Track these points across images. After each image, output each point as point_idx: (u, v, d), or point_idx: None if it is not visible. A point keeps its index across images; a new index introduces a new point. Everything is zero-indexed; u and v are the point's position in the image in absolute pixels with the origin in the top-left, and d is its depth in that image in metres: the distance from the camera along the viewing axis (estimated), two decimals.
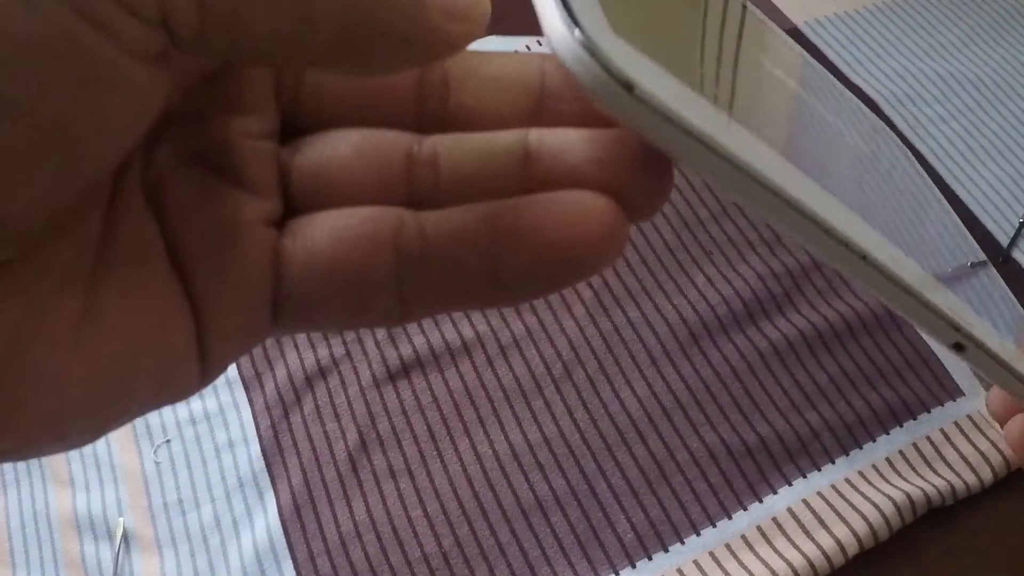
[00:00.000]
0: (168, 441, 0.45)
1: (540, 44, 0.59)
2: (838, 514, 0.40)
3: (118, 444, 0.45)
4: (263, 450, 0.44)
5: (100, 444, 0.45)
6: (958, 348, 0.23)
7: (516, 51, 0.59)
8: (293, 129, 0.17)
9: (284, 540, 0.41)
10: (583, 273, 0.15)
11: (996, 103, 0.55)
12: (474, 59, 0.17)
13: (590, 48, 0.14)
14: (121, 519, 0.42)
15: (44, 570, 0.41)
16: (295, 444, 0.44)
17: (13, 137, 0.11)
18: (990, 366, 0.25)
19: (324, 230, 0.16)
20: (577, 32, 0.14)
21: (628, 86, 0.15)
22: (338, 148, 0.16)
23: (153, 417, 0.46)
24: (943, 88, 0.56)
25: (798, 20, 0.60)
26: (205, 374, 0.16)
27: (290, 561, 0.40)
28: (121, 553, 0.41)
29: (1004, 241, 0.48)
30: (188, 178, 0.15)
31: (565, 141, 0.16)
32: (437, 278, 0.15)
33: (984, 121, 0.54)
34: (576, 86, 0.14)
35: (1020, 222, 0.49)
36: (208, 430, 0.45)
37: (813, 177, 0.22)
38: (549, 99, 0.17)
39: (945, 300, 0.24)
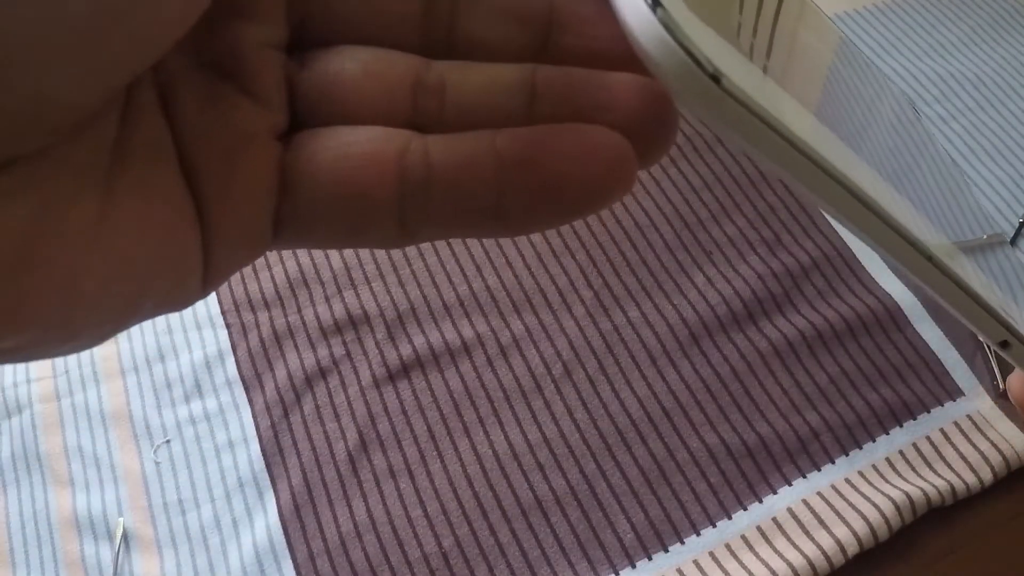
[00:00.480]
0: (168, 441, 0.45)
1: None
2: (838, 514, 0.40)
3: (118, 444, 0.45)
4: (263, 450, 0.44)
5: (100, 444, 0.45)
6: (1003, 345, 0.23)
7: None
8: (301, 44, 0.16)
9: (284, 540, 0.41)
10: (589, 207, 0.15)
11: (996, 103, 0.55)
12: None
13: (673, 31, 0.13)
14: (121, 519, 0.42)
15: (44, 570, 0.41)
16: (295, 444, 0.44)
17: (77, 17, 0.11)
18: None
19: (329, 146, 0.15)
20: (660, 11, 0.13)
21: (715, 78, 0.13)
22: (346, 65, 0.16)
23: (153, 417, 0.46)
24: (943, 88, 0.56)
25: None
26: (207, 283, 0.15)
27: (290, 561, 0.40)
28: (121, 553, 0.41)
29: None
30: (198, 84, 0.15)
31: (572, 83, 0.15)
32: (439, 204, 0.15)
33: (984, 121, 0.54)
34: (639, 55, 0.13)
35: (1020, 222, 0.49)
36: (208, 430, 0.45)
37: (871, 166, 0.22)
38: (557, 32, 0.16)
39: (996, 297, 0.24)
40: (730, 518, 0.41)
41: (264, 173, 0.15)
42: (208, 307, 0.49)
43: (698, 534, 0.40)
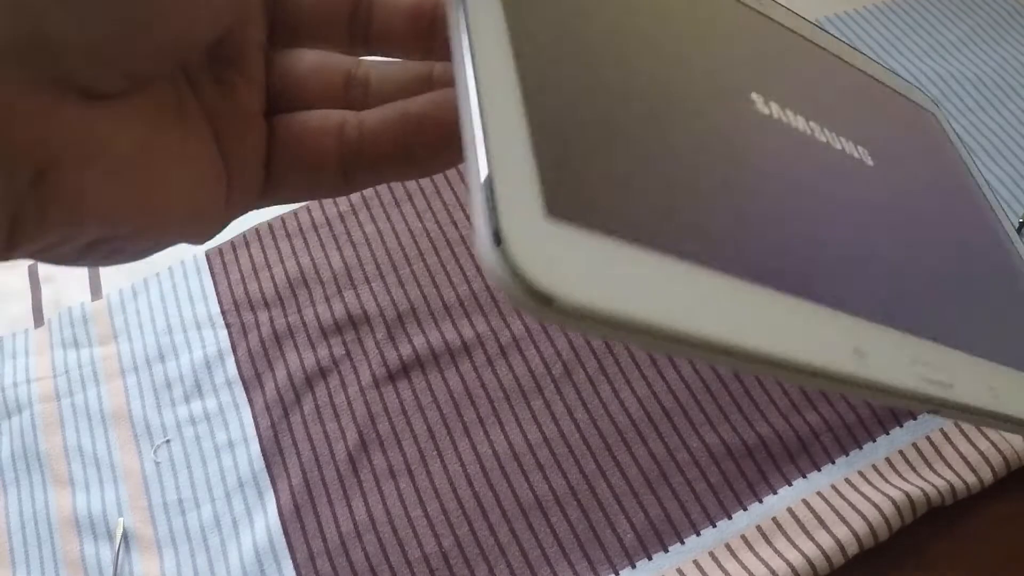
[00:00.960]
0: (168, 441, 0.45)
1: None
2: (838, 514, 0.40)
3: (118, 444, 0.45)
4: (263, 450, 0.44)
5: (100, 444, 0.45)
6: (934, 412, 0.25)
7: None
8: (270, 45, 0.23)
9: (284, 540, 0.41)
10: None
11: (996, 103, 0.55)
12: None
13: (510, 262, 0.16)
14: (121, 519, 0.42)
15: (44, 570, 0.41)
16: (295, 444, 0.44)
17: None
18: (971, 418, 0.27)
19: (292, 126, 0.22)
20: (500, 247, 0.16)
21: (547, 300, 0.16)
22: (298, 64, 0.22)
23: (153, 417, 0.46)
24: (943, 88, 0.56)
25: None
26: (222, 221, 0.21)
27: (290, 561, 0.40)
28: (121, 553, 0.41)
29: None
30: (210, 70, 0.21)
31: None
32: (369, 157, 0.22)
33: (984, 121, 0.54)
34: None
35: (1020, 222, 0.49)
36: (208, 430, 0.45)
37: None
38: (440, 26, 0.22)
39: (926, 369, 0.26)
40: (730, 518, 0.41)
41: (259, 143, 0.21)
42: (208, 307, 0.49)
43: (698, 534, 0.40)
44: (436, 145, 0.21)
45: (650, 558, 0.39)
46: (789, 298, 0.24)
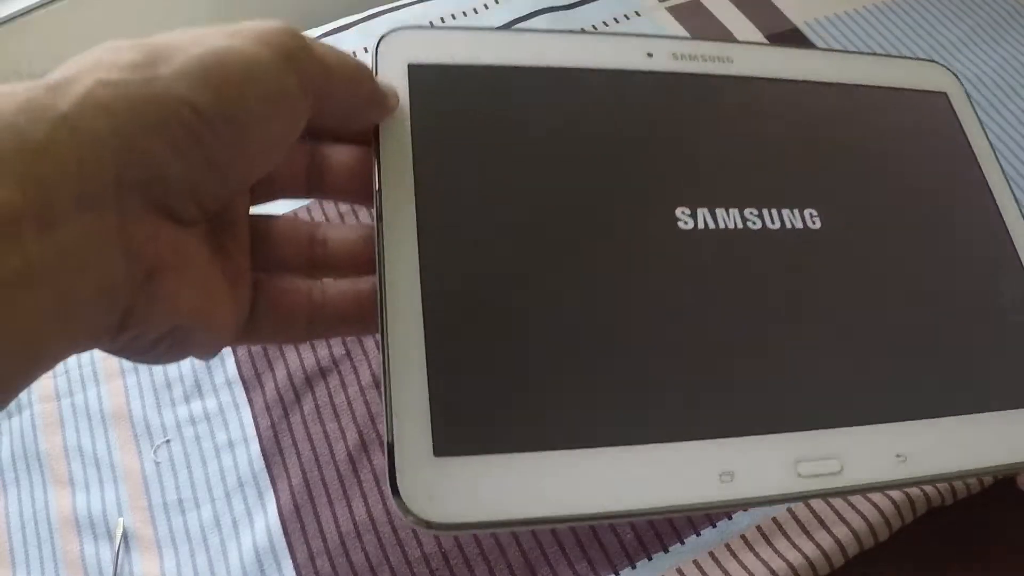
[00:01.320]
0: (168, 441, 0.45)
1: None
2: (838, 514, 0.40)
3: (118, 444, 0.45)
4: (263, 450, 0.44)
5: (100, 444, 0.45)
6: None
7: None
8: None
9: (284, 540, 0.41)
10: None
11: (996, 103, 0.55)
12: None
13: (403, 505, 0.25)
14: (121, 519, 0.42)
15: (44, 570, 0.41)
16: (295, 444, 0.44)
17: (250, 157, 0.26)
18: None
19: (270, 289, 0.28)
20: (397, 499, 0.25)
21: (428, 525, 0.24)
22: (271, 230, 0.29)
23: (153, 417, 0.46)
24: None
25: (798, 20, 0.60)
26: (227, 345, 0.27)
27: (290, 561, 0.40)
28: (121, 553, 0.41)
29: None
30: (211, 234, 0.26)
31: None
32: (330, 318, 0.29)
33: (984, 121, 0.54)
34: None
35: None
36: (208, 430, 0.45)
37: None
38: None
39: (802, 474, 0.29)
40: (730, 518, 0.41)
41: (248, 295, 0.27)
42: None
43: (698, 534, 0.40)
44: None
45: (650, 558, 0.39)
46: (652, 448, 0.28)
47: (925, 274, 0.36)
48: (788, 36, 0.59)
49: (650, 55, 0.38)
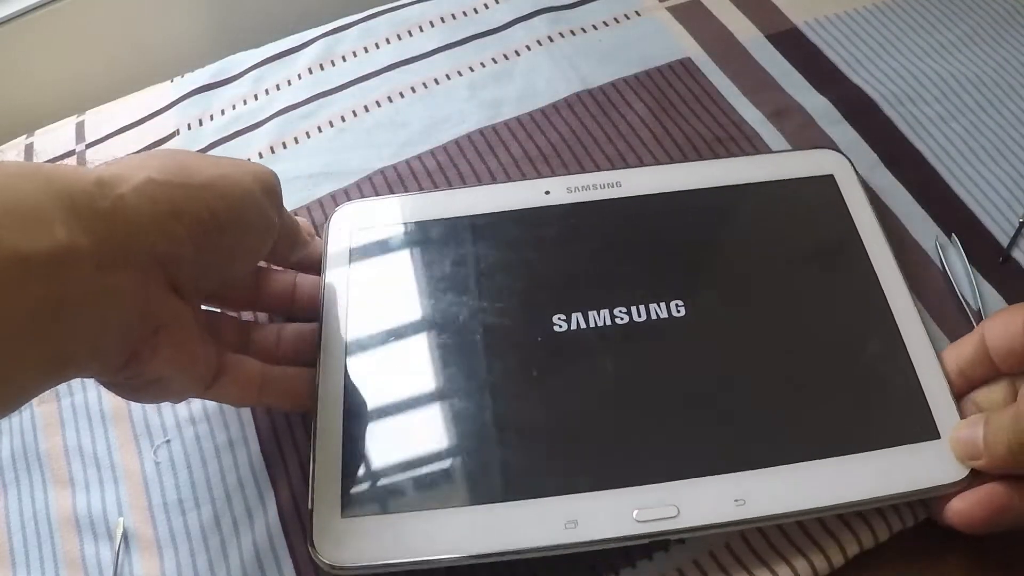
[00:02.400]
0: (168, 441, 0.45)
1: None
2: (844, 522, 0.40)
3: (118, 444, 0.45)
4: (263, 450, 0.44)
5: (100, 444, 0.45)
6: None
7: None
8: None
9: (284, 540, 0.41)
10: None
11: (996, 103, 0.55)
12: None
13: (317, 560, 0.36)
14: (121, 519, 0.42)
15: (44, 570, 0.41)
16: (295, 444, 0.44)
17: (237, 257, 0.38)
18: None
19: (231, 371, 0.39)
20: (312, 548, 0.36)
21: (331, 567, 0.36)
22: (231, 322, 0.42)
23: (153, 417, 0.46)
24: (943, 88, 0.56)
25: (798, 20, 0.60)
26: (200, 394, 0.39)
27: (290, 561, 0.40)
28: (121, 553, 0.41)
29: (1004, 241, 0.48)
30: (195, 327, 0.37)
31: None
32: (275, 391, 0.40)
33: (984, 121, 0.54)
34: None
35: (1020, 222, 0.49)
36: (208, 430, 0.45)
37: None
38: None
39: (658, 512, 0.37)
40: None
41: (214, 363, 0.37)
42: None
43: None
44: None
45: (651, 558, 0.39)
46: (509, 504, 0.37)
47: (781, 342, 0.42)
48: (788, 35, 0.60)
49: (547, 192, 0.48)
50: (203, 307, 0.40)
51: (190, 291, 0.35)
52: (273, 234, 0.38)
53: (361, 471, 0.38)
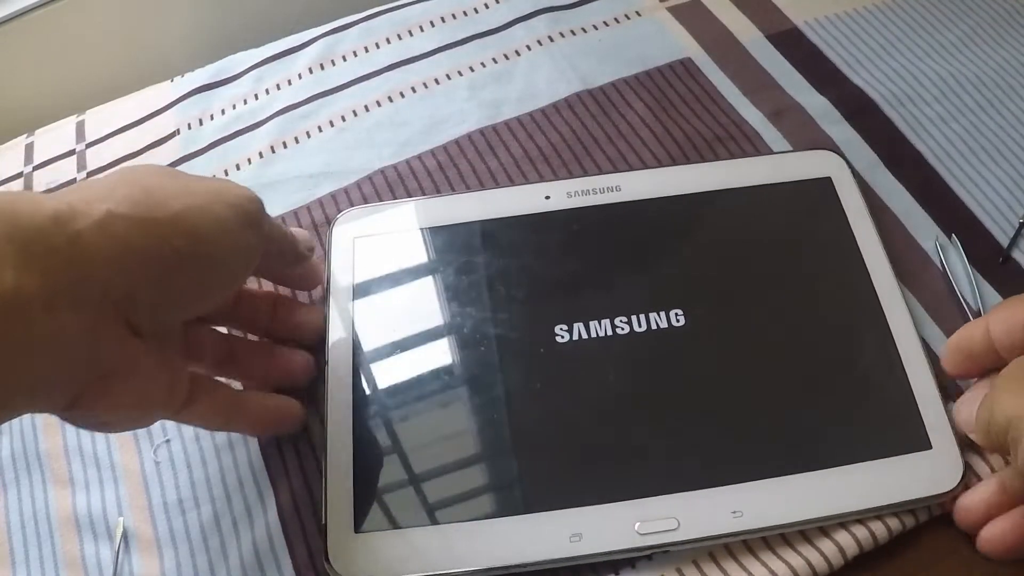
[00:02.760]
0: (168, 441, 0.45)
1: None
2: (842, 524, 0.40)
3: (118, 444, 0.45)
4: (263, 450, 0.44)
5: (100, 444, 0.45)
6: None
7: None
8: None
9: (284, 540, 0.41)
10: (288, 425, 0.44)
11: (997, 103, 0.55)
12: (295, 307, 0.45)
13: (331, 572, 0.37)
14: (121, 519, 0.42)
15: (44, 570, 0.41)
16: (295, 444, 0.44)
17: (207, 292, 0.36)
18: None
19: (206, 383, 0.39)
20: (328, 563, 0.38)
21: None
22: (206, 342, 0.41)
23: None
24: (943, 88, 0.55)
25: (798, 20, 0.60)
26: (160, 419, 0.39)
27: (290, 561, 0.40)
28: (121, 553, 0.41)
29: (1004, 241, 0.48)
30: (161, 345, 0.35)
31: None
32: (246, 420, 0.42)
33: (984, 121, 0.54)
34: None
35: (1020, 222, 0.49)
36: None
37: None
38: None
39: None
40: None
41: (184, 388, 0.36)
42: None
43: None
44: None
45: (650, 558, 0.39)
46: (516, 518, 0.37)
47: (782, 351, 0.42)
48: (788, 35, 0.59)
49: (548, 197, 0.47)
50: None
51: (150, 330, 0.33)
52: (252, 263, 0.37)
53: (372, 487, 0.39)
